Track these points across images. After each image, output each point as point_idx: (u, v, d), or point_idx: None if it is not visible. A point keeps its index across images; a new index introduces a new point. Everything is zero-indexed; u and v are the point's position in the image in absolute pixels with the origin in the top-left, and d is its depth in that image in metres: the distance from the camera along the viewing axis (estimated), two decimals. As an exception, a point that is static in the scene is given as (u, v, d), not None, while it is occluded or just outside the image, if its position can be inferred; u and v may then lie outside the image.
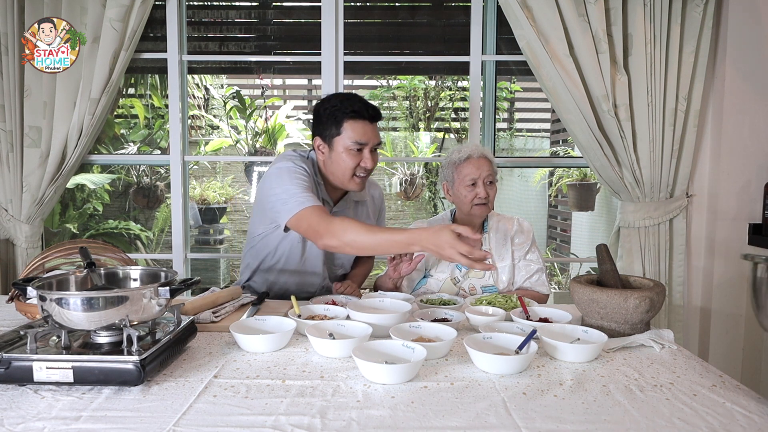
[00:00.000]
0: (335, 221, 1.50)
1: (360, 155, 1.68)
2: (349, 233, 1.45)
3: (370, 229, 1.47)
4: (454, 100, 5.57)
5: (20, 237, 2.51)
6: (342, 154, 1.67)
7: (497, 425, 0.89)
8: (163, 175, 5.33)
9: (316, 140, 1.74)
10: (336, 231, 1.47)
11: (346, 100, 1.68)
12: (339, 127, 1.67)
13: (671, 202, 2.46)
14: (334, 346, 1.18)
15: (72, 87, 2.41)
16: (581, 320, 1.46)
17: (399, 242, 1.42)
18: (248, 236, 1.90)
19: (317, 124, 1.72)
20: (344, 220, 1.50)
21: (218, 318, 1.42)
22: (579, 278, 1.61)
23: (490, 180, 1.88)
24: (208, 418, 0.91)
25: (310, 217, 1.53)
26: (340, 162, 1.68)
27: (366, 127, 1.68)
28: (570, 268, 5.30)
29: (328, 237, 1.48)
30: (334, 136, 1.68)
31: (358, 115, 1.66)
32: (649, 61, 2.35)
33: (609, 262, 1.57)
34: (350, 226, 1.47)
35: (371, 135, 1.69)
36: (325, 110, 1.69)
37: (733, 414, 0.93)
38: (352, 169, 1.68)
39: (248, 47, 2.98)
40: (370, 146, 1.69)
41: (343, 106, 1.66)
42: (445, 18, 2.98)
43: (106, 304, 1.04)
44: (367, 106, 1.68)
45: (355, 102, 1.68)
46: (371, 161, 1.69)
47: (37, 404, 0.95)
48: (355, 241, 1.45)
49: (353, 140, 1.66)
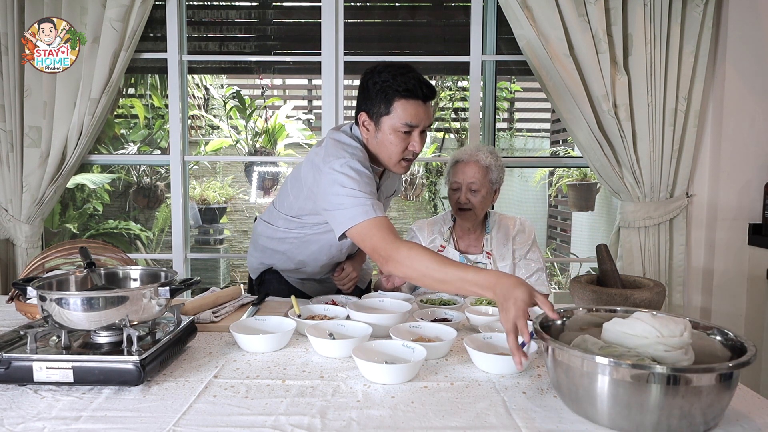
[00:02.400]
0: (402, 247, 1.32)
1: (408, 138, 1.53)
2: (417, 264, 1.28)
3: (441, 263, 1.27)
4: (454, 100, 5.57)
5: (20, 237, 2.51)
6: (390, 135, 1.52)
7: (497, 425, 0.89)
8: (163, 175, 5.33)
9: (361, 116, 1.56)
10: (403, 259, 1.30)
11: (399, 75, 1.49)
12: (389, 106, 1.50)
13: (671, 202, 2.46)
14: (334, 346, 1.18)
15: (72, 87, 2.41)
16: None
17: (471, 283, 1.21)
18: (278, 209, 1.77)
19: (364, 97, 1.55)
20: (412, 247, 1.32)
21: (218, 318, 1.42)
22: (579, 278, 1.61)
23: (473, 188, 1.84)
24: (208, 418, 0.91)
25: (374, 236, 1.37)
26: (387, 144, 1.54)
27: (419, 108, 1.51)
28: (570, 268, 5.31)
29: (393, 264, 1.32)
30: (382, 115, 1.52)
31: (411, 94, 1.49)
32: (649, 61, 2.35)
33: (609, 262, 1.57)
34: (418, 256, 1.29)
35: (423, 116, 1.52)
36: (375, 84, 1.51)
37: (733, 414, 0.93)
38: (400, 153, 1.54)
39: (248, 47, 2.98)
40: (421, 128, 1.54)
41: (395, 83, 1.49)
42: (445, 18, 2.98)
43: (106, 304, 1.04)
44: (421, 83, 1.50)
45: (410, 79, 1.49)
46: (420, 144, 1.54)
47: (37, 404, 0.95)
48: (424, 276, 1.28)
49: (403, 121, 1.50)
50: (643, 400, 0.82)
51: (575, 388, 0.89)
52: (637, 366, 0.83)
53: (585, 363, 0.87)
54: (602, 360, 0.84)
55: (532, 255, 1.92)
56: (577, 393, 0.89)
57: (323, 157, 1.51)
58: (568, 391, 0.91)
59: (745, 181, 2.46)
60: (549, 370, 0.97)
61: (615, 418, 0.85)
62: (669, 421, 0.82)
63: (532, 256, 1.92)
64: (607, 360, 0.84)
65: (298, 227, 1.73)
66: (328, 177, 1.46)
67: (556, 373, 0.93)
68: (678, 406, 0.81)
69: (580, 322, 1.10)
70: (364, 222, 1.38)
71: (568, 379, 0.90)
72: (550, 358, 0.94)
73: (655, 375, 0.81)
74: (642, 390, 0.81)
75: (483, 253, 1.89)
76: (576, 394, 0.89)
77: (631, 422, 0.84)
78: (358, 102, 1.58)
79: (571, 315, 1.10)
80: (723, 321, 2.46)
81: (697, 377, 0.81)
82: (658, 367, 0.82)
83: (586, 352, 0.89)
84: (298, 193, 1.66)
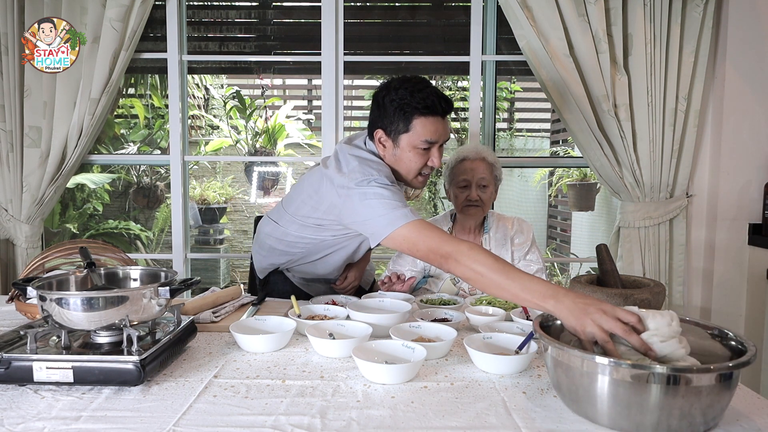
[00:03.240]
0: (463, 245, 1.28)
1: (428, 154, 1.52)
2: (479, 265, 1.22)
3: (503, 267, 1.21)
4: (454, 100, 5.57)
5: (20, 237, 2.51)
6: (409, 152, 1.51)
7: (497, 425, 0.89)
8: (163, 175, 5.33)
9: (377, 132, 1.54)
10: (464, 259, 1.25)
11: (417, 91, 1.48)
12: (408, 124, 1.49)
13: (671, 202, 2.46)
14: (334, 346, 1.18)
15: (72, 87, 2.41)
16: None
17: (535, 294, 1.11)
18: (287, 214, 1.70)
19: (381, 115, 1.53)
20: (473, 247, 1.27)
21: (218, 318, 1.42)
22: (579, 278, 1.61)
23: (483, 183, 1.87)
24: (208, 418, 0.91)
25: (428, 237, 1.33)
26: (406, 161, 1.52)
27: (437, 124, 1.50)
28: (570, 268, 5.30)
29: (454, 263, 1.27)
30: (401, 133, 1.50)
31: (430, 111, 1.48)
32: (649, 61, 2.35)
33: (609, 262, 1.57)
34: (480, 256, 1.24)
35: (442, 132, 1.52)
36: (392, 102, 1.49)
37: (733, 414, 0.93)
38: (419, 168, 1.53)
39: (248, 47, 2.99)
40: (440, 143, 1.53)
41: (413, 100, 1.47)
42: (445, 18, 2.98)
43: (106, 304, 1.04)
44: (440, 98, 1.49)
45: (428, 95, 1.48)
46: (439, 159, 1.53)
47: (37, 404, 0.95)
48: (483, 276, 1.22)
49: (423, 138, 1.49)
50: (643, 400, 0.82)
51: (575, 388, 0.89)
52: (637, 366, 0.83)
53: (585, 363, 0.87)
54: (602, 360, 0.84)
55: (532, 255, 1.92)
56: (577, 393, 0.89)
57: (348, 174, 1.47)
58: (568, 391, 0.91)
59: (745, 181, 2.46)
60: (549, 370, 0.97)
61: (615, 418, 0.85)
62: (669, 421, 0.82)
63: (532, 257, 1.92)
64: (607, 360, 0.84)
65: (315, 233, 1.66)
66: (357, 193, 1.43)
67: (556, 373, 0.93)
68: (678, 406, 0.81)
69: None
70: (408, 225, 1.36)
71: (568, 379, 0.90)
72: (550, 358, 0.94)
73: (655, 375, 0.81)
74: (642, 390, 0.82)
75: (483, 253, 1.89)
76: (576, 394, 0.89)
77: (631, 422, 0.84)
78: (373, 118, 1.56)
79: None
80: (723, 321, 2.46)
81: (697, 377, 0.81)
82: (658, 367, 0.82)
83: (587, 352, 0.89)
84: (316, 204, 1.60)
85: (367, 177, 1.44)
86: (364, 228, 1.45)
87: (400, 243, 1.38)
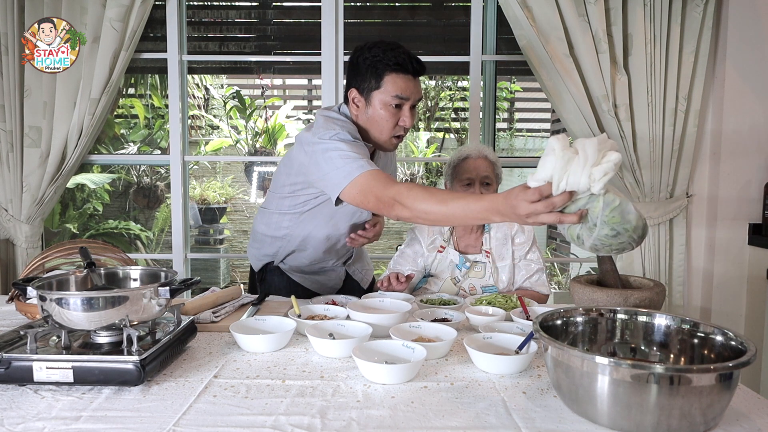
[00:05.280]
0: (402, 188, 1.31)
1: (399, 112, 1.55)
2: (420, 202, 1.27)
3: (442, 198, 1.27)
4: (454, 100, 5.58)
5: (20, 237, 2.51)
6: (380, 110, 1.54)
7: (497, 425, 0.89)
8: (163, 175, 5.34)
9: (351, 92, 1.59)
10: (406, 201, 1.29)
11: (390, 50, 1.53)
12: (380, 80, 1.53)
13: (671, 202, 2.46)
14: (334, 346, 1.18)
15: (72, 87, 2.41)
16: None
17: (476, 211, 1.19)
18: (272, 197, 1.77)
19: (354, 74, 1.57)
20: (411, 187, 1.31)
21: (218, 318, 1.42)
22: (579, 278, 1.61)
23: (487, 181, 1.88)
24: (208, 418, 0.91)
25: (374, 187, 1.36)
26: (378, 119, 1.55)
27: (409, 82, 1.53)
28: (570, 268, 5.31)
29: (400, 208, 1.30)
30: (373, 90, 1.54)
31: (401, 68, 1.52)
32: (649, 61, 2.35)
33: (609, 262, 1.57)
34: (420, 194, 1.28)
35: (413, 90, 1.55)
36: (365, 60, 1.54)
37: (733, 414, 0.93)
38: (391, 128, 1.56)
39: (248, 47, 2.99)
40: (411, 102, 1.55)
41: (385, 57, 1.51)
42: (445, 18, 2.98)
43: (106, 304, 1.04)
44: (411, 57, 1.54)
45: (399, 53, 1.53)
46: (410, 119, 1.56)
47: (37, 404, 0.95)
48: (428, 212, 1.27)
49: (393, 94, 1.52)
50: (643, 400, 0.82)
51: (575, 388, 0.89)
52: (637, 366, 0.83)
53: (585, 363, 0.87)
54: (602, 360, 0.84)
55: (532, 255, 1.92)
56: (577, 393, 0.89)
57: (313, 131, 1.52)
58: (568, 391, 0.91)
59: (745, 181, 2.46)
60: (549, 370, 0.97)
61: (615, 418, 0.85)
62: (669, 421, 0.82)
63: (532, 257, 1.92)
64: (607, 360, 0.84)
65: (291, 206, 1.73)
66: (320, 148, 1.47)
67: (556, 373, 0.93)
68: (678, 406, 0.81)
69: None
70: (359, 177, 1.37)
71: (568, 379, 0.90)
72: (550, 358, 0.94)
73: (655, 375, 0.81)
74: (642, 390, 0.81)
75: (482, 253, 1.90)
76: (576, 394, 0.89)
77: (631, 422, 0.84)
78: (348, 79, 1.61)
79: (571, 315, 1.10)
80: (723, 321, 2.46)
81: (697, 377, 0.81)
82: (658, 367, 0.82)
83: (586, 352, 0.89)
84: (288, 170, 1.67)
85: (329, 131, 1.48)
86: (325, 184, 1.47)
87: (355, 196, 1.40)
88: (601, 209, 0.96)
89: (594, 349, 1.08)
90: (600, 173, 0.93)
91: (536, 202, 1.02)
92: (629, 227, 0.97)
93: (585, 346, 1.09)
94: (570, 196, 0.98)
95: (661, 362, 1.04)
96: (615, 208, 0.96)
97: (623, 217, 0.96)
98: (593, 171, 0.93)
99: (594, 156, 0.94)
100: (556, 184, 0.97)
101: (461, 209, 1.22)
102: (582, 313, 1.10)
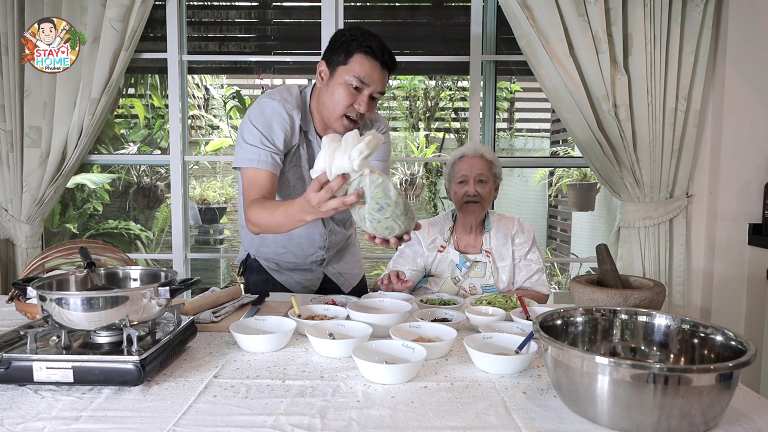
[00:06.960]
0: (253, 206, 1.46)
1: (356, 95, 1.55)
2: (257, 216, 1.44)
3: (270, 209, 1.42)
4: (454, 100, 5.57)
5: (20, 237, 2.51)
6: (339, 86, 1.54)
7: (497, 425, 0.89)
8: (163, 175, 5.33)
9: (321, 64, 1.60)
10: (250, 216, 1.47)
11: (368, 35, 1.55)
12: (348, 57, 1.53)
13: (671, 202, 2.47)
14: (334, 346, 1.18)
15: (72, 87, 2.41)
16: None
17: (292, 214, 1.34)
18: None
19: (329, 49, 1.59)
20: (251, 205, 1.47)
21: (218, 318, 1.42)
22: (579, 278, 1.61)
23: (481, 179, 1.89)
24: (208, 418, 0.91)
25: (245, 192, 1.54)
26: (334, 94, 1.55)
27: (375, 69, 1.54)
28: (570, 268, 5.31)
29: (251, 226, 1.49)
30: (339, 64, 1.55)
31: (371, 53, 1.53)
32: (649, 61, 2.35)
33: (609, 262, 1.57)
34: (257, 209, 1.45)
35: (377, 79, 1.55)
36: (342, 36, 1.56)
37: (733, 414, 0.93)
38: (344, 107, 1.55)
39: (248, 47, 2.98)
40: (371, 90, 1.55)
41: (361, 38, 1.53)
42: (445, 18, 2.98)
43: (106, 304, 1.04)
44: (385, 48, 1.55)
45: (375, 40, 1.55)
46: (365, 105, 1.55)
47: (37, 404, 0.95)
48: (263, 225, 1.45)
49: (356, 74, 1.52)
50: (643, 400, 0.82)
51: (575, 388, 0.89)
52: (637, 366, 0.83)
53: (585, 363, 0.87)
54: (602, 360, 0.84)
55: (532, 255, 1.92)
56: (577, 393, 0.89)
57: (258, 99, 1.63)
58: (568, 391, 0.91)
59: (745, 181, 2.46)
60: (549, 370, 0.97)
61: (615, 418, 0.85)
62: (669, 421, 0.82)
63: (532, 257, 1.92)
64: (607, 360, 0.84)
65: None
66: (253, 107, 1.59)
67: (556, 373, 0.93)
68: (678, 406, 0.81)
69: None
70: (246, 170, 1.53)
71: (568, 379, 0.90)
72: (550, 358, 0.94)
73: (655, 375, 0.81)
74: (642, 390, 0.81)
75: (482, 252, 1.90)
76: (576, 394, 0.89)
77: (631, 422, 0.84)
78: (323, 55, 1.64)
79: (571, 315, 1.10)
80: (723, 321, 2.46)
81: (697, 377, 0.81)
82: (658, 367, 0.82)
83: (586, 352, 0.89)
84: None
85: (267, 95, 1.59)
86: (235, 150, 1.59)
87: (243, 182, 1.55)
88: (368, 187, 1.15)
89: (594, 349, 1.08)
90: (357, 153, 1.11)
91: (319, 191, 1.18)
92: (390, 202, 1.16)
93: (585, 346, 1.09)
94: (343, 179, 1.16)
95: (661, 362, 1.04)
96: (378, 185, 1.15)
97: (385, 193, 1.15)
98: (352, 152, 1.12)
99: (354, 142, 1.12)
100: (329, 170, 1.15)
101: (283, 215, 1.37)
102: (582, 313, 1.10)
